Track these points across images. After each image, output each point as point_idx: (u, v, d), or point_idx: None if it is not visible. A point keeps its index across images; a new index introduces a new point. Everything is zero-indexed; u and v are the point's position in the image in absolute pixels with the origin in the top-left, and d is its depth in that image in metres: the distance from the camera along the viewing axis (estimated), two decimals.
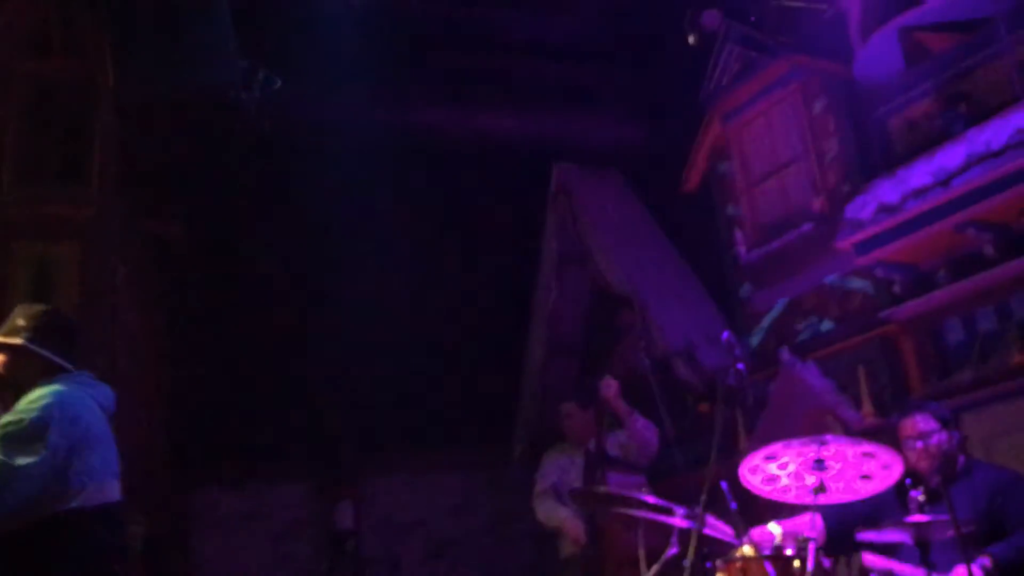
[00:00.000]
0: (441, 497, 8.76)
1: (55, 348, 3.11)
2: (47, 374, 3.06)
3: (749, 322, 6.30)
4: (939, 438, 3.84)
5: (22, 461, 2.78)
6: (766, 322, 6.21)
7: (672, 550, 4.04)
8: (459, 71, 7.19)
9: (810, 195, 5.86)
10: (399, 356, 7.86)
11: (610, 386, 5.11)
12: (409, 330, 7.92)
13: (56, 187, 6.22)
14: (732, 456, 5.72)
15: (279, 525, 8.40)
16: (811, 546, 3.32)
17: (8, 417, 2.90)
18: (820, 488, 3.47)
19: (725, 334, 6.03)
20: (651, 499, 4.19)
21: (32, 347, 3.06)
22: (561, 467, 5.48)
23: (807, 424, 5.64)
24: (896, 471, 3.62)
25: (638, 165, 7.38)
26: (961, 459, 3.86)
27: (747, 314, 6.33)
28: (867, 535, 3.96)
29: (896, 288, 5.31)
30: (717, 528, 3.71)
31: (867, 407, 5.32)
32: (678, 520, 4.02)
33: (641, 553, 4.27)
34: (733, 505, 3.64)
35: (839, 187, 5.74)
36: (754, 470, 3.62)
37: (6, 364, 3.09)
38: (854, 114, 5.75)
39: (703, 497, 3.40)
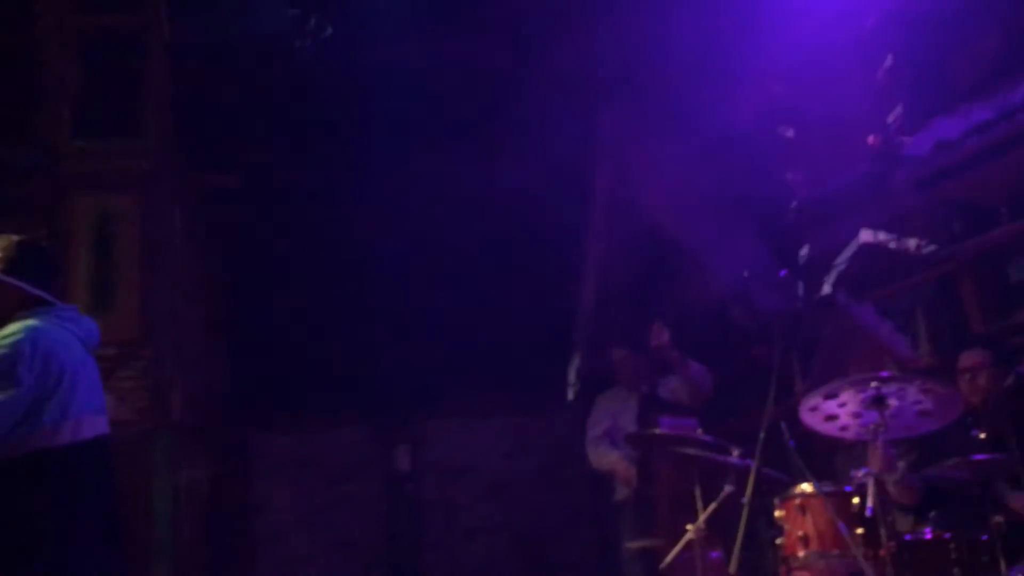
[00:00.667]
0: (496, 441, 8.87)
1: (33, 280, 3.04)
2: (25, 307, 3.00)
3: (804, 263, 6.24)
4: (990, 374, 3.80)
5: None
6: (821, 263, 6.14)
7: (729, 489, 4.10)
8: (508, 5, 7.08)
9: (867, 132, 5.74)
10: (454, 302, 7.91)
11: (661, 333, 5.13)
12: (463, 276, 7.96)
13: (113, 141, 6.33)
14: (788, 398, 5.73)
15: (337, 468, 8.59)
16: (871, 483, 3.34)
17: None
18: (879, 425, 3.47)
19: (782, 273, 6.04)
20: (708, 439, 4.25)
21: (7, 279, 3.00)
22: (614, 412, 5.55)
23: (863, 365, 5.61)
24: (955, 409, 3.61)
25: (691, 105, 7.27)
26: None
27: (802, 255, 6.27)
28: (930, 473, 3.98)
29: (956, 226, 5.22)
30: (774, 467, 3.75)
31: (925, 347, 5.28)
32: (735, 460, 4.06)
33: (696, 494, 4.32)
34: (792, 443, 3.67)
35: (897, 124, 5.62)
36: (813, 409, 3.62)
37: None
38: (913, 49, 5.60)
39: (761, 435, 3.43)
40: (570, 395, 7.73)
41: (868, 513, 3.30)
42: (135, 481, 5.73)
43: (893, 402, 3.53)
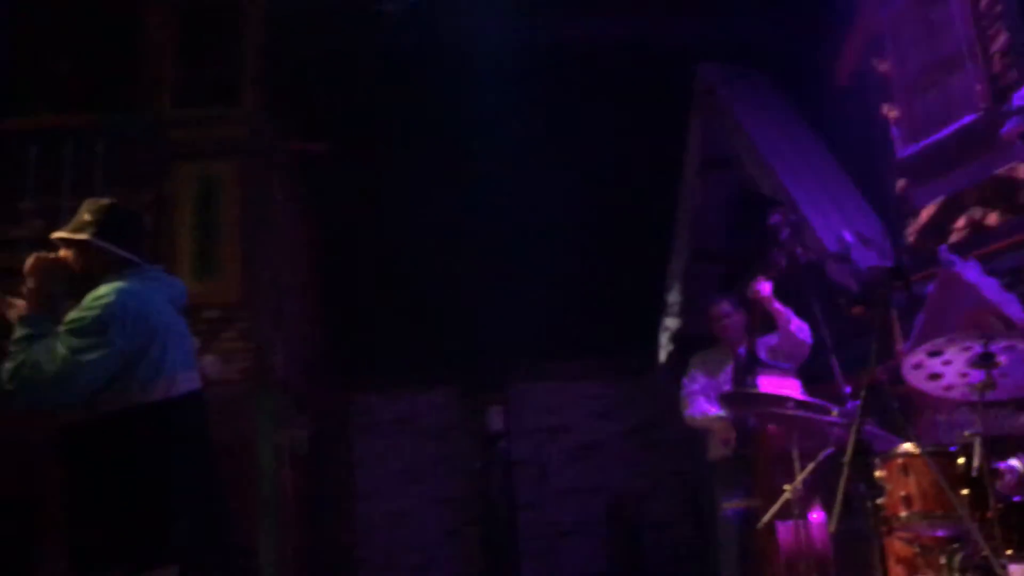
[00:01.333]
0: (587, 402, 8.92)
1: (122, 242, 3.11)
2: (115, 269, 3.08)
3: (906, 220, 6.05)
4: None
5: (86, 357, 2.84)
6: (924, 219, 5.94)
7: (828, 450, 4.04)
8: None
9: (973, 83, 5.49)
10: (546, 264, 7.94)
11: (763, 286, 5.05)
12: (554, 238, 7.98)
13: (213, 109, 6.51)
14: (889, 358, 5.60)
15: (432, 428, 8.77)
16: (977, 443, 3.25)
17: (73, 314, 2.94)
18: (988, 384, 3.37)
19: (883, 232, 5.88)
20: (806, 399, 4.19)
21: (98, 242, 3.07)
22: (708, 372, 5.51)
23: (967, 324, 5.42)
24: None
25: (786, 60, 7.08)
26: None
27: (904, 212, 6.07)
28: None
29: None
30: (875, 427, 3.67)
31: None
32: (834, 419, 4.00)
33: (795, 454, 4.27)
34: (893, 403, 3.59)
35: (1005, 74, 5.36)
36: (917, 366, 3.53)
37: (75, 260, 3.11)
38: None
39: (862, 394, 3.35)
40: (662, 356, 7.67)
41: (974, 474, 3.21)
42: (240, 439, 5.96)
43: (1002, 360, 3.42)
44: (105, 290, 2.98)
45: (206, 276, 5.98)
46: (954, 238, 5.67)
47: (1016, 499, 3.51)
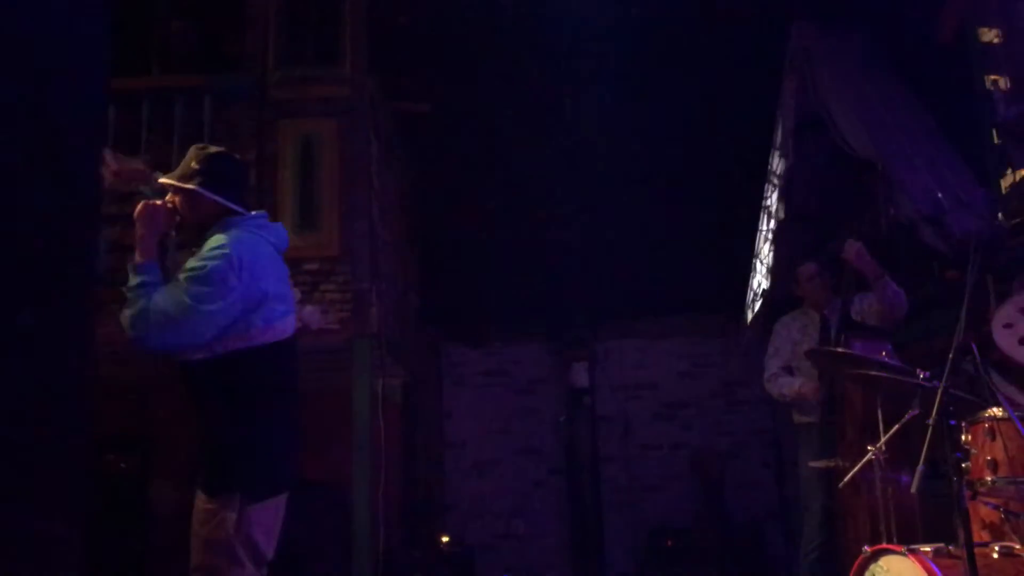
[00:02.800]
0: (673, 361, 9.00)
1: (228, 191, 3.20)
2: (221, 217, 3.17)
3: (1007, 183, 5.91)
4: None
5: (208, 306, 2.94)
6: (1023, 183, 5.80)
7: (913, 412, 4.05)
8: None
9: None
10: (635, 222, 8.00)
11: (855, 246, 5.00)
12: (645, 197, 8.02)
13: (314, 68, 6.71)
14: (983, 325, 5.52)
15: (520, 381, 8.98)
16: None
17: (193, 263, 3.04)
18: None
19: (980, 195, 5.76)
20: (892, 361, 4.19)
21: (205, 192, 3.16)
22: (795, 340, 5.49)
23: None
24: None
25: (885, 18, 6.92)
26: None
27: (1005, 175, 5.94)
28: None
29: None
30: (962, 389, 3.67)
31: None
32: (921, 382, 3.99)
33: (879, 416, 4.29)
34: (983, 367, 3.58)
35: None
36: (1008, 326, 3.52)
37: (182, 207, 3.19)
38: None
39: (951, 356, 3.36)
40: (749, 317, 7.68)
41: None
42: (338, 384, 6.25)
43: None
44: (219, 239, 3.08)
45: (306, 230, 6.23)
46: None
47: None
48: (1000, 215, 5.88)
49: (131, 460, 7.01)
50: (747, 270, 8.09)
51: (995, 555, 3.70)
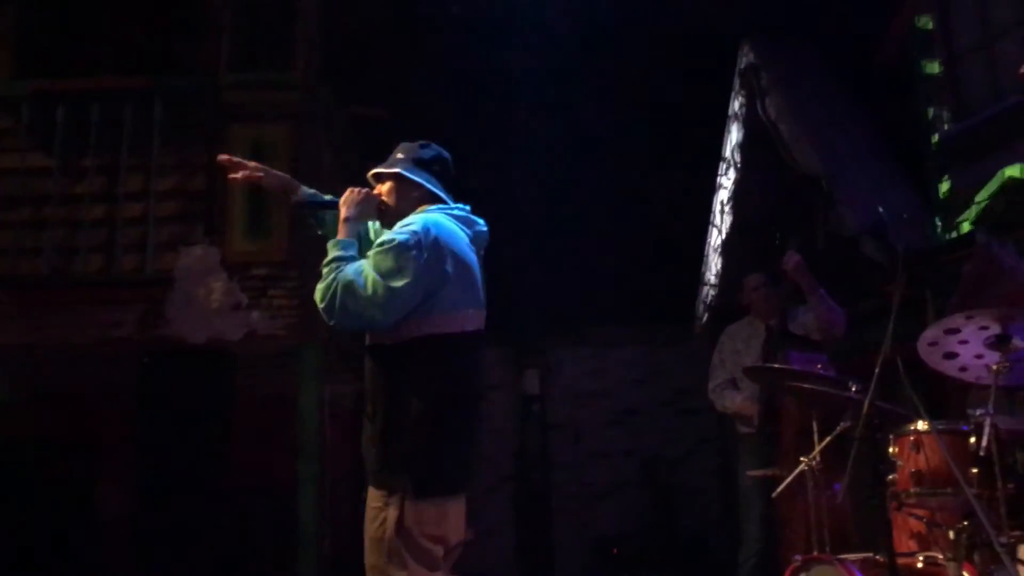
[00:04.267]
0: (624, 369, 9.07)
1: (431, 177, 3.15)
2: (424, 203, 3.11)
3: (946, 201, 6.06)
4: None
5: (393, 282, 2.83)
6: (962, 199, 5.95)
7: (845, 424, 4.13)
8: None
9: (1018, 65, 5.47)
10: (589, 233, 8.05)
11: (792, 258, 5.08)
12: (598, 207, 8.09)
13: (267, 73, 6.68)
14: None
15: None
16: (988, 422, 3.32)
17: (382, 237, 2.95)
18: (1001, 368, 3.42)
19: (920, 211, 5.88)
20: (825, 373, 4.27)
21: (408, 174, 3.11)
22: (738, 351, 5.56)
23: (1002, 306, 5.44)
24: None
25: (831, 37, 7.07)
26: None
27: (944, 193, 6.09)
28: None
29: None
30: (890, 403, 3.75)
31: None
32: (853, 395, 4.08)
33: (815, 427, 4.37)
34: (909, 382, 3.66)
35: None
36: (933, 344, 3.60)
37: (388, 194, 3.14)
38: None
39: (876, 371, 3.44)
40: (698, 326, 7.78)
41: (982, 453, 3.29)
42: (285, 389, 6.23)
43: (1018, 343, 3.47)
44: (413, 218, 3.01)
45: (256, 236, 6.21)
46: (993, 220, 5.68)
47: None
48: (939, 231, 6.03)
49: (75, 464, 6.94)
50: (698, 280, 8.20)
51: (920, 564, 3.79)
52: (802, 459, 4.31)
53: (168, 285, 6.05)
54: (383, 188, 3.17)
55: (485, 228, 3.25)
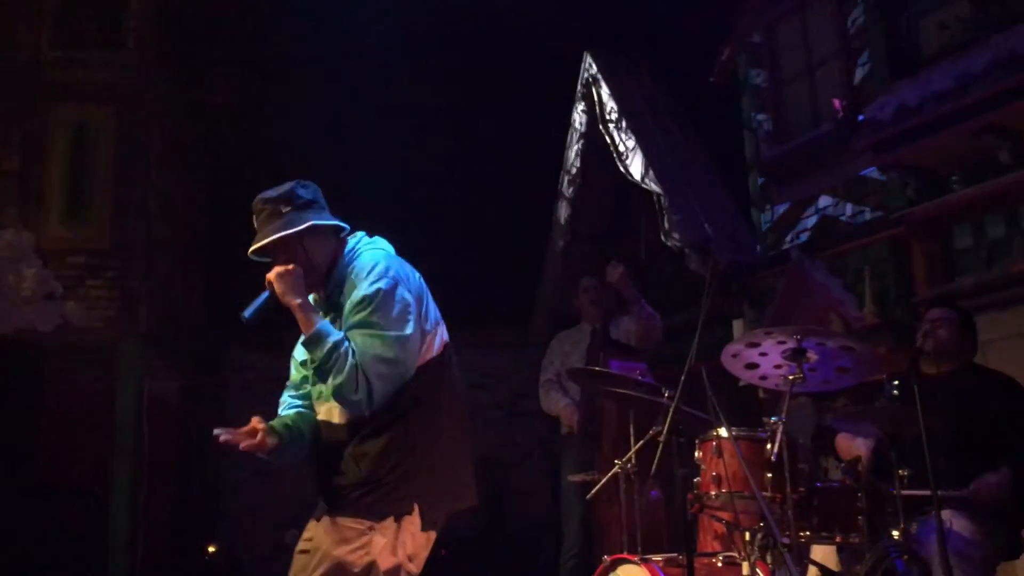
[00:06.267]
0: (462, 373, 9.09)
1: (325, 212, 2.89)
2: (338, 241, 2.88)
3: (766, 220, 6.37)
4: (948, 329, 3.92)
5: (405, 331, 2.69)
6: (781, 218, 6.27)
7: (657, 428, 4.27)
8: None
9: (835, 94, 5.83)
10: (427, 236, 8.03)
11: (616, 269, 5.23)
12: (439, 213, 8.09)
13: (95, 51, 6.39)
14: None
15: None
16: (780, 428, 3.49)
17: (356, 296, 2.71)
18: (797, 377, 3.61)
19: (743, 227, 6.15)
20: (641, 379, 4.41)
21: (320, 222, 2.82)
22: (565, 352, 5.68)
23: (811, 319, 5.78)
24: (872, 368, 3.76)
25: (668, 55, 7.34)
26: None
27: (764, 211, 6.40)
28: (838, 423, 4.17)
29: (910, 191, 5.33)
30: (698, 410, 3.90)
31: (870, 306, 5.42)
32: (665, 401, 4.22)
33: (631, 431, 4.51)
34: (711, 390, 3.82)
35: (864, 87, 5.70)
36: (735, 355, 3.77)
37: (303, 259, 2.81)
38: (888, 14, 5.64)
39: (683, 378, 3.57)
40: (534, 331, 7.90)
41: (773, 459, 3.47)
42: (101, 385, 5.96)
43: (812, 356, 3.68)
44: (365, 261, 2.80)
45: (75, 222, 5.93)
46: (806, 237, 6.01)
47: (819, 484, 3.80)
48: (759, 248, 6.33)
49: None
50: (536, 286, 8.32)
51: (719, 564, 3.96)
52: (616, 463, 4.43)
53: None
54: (286, 255, 2.81)
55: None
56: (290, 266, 2.78)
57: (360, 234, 2.98)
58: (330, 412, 2.87)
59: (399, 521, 2.67)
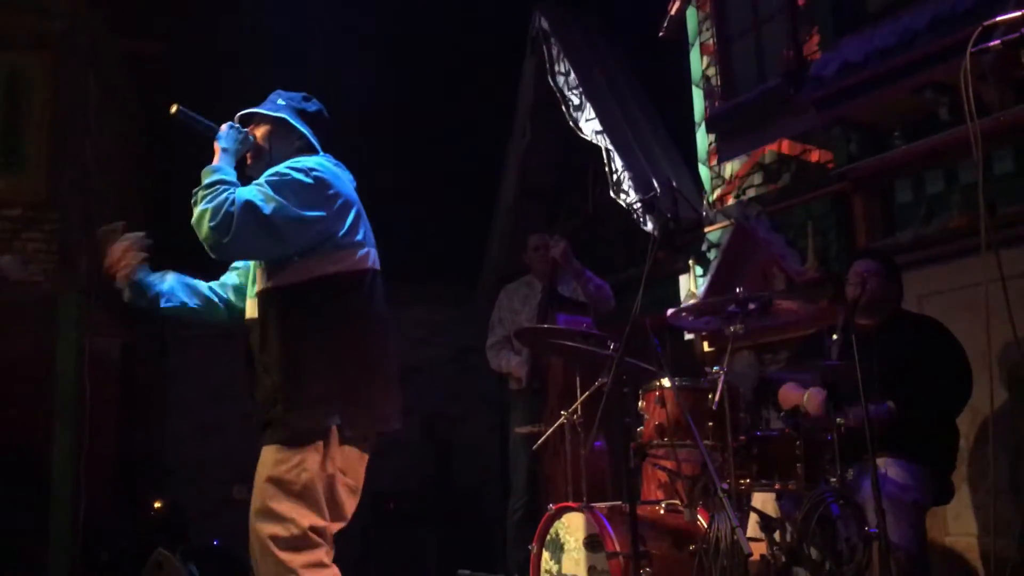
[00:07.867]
0: (410, 328, 9.07)
1: (312, 132, 3.03)
2: (303, 154, 2.96)
3: (711, 175, 6.42)
4: (876, 280, 4.02)
5: (304, 212, 2.71)
6: (727, 174, 6.32)
7: (602, 380, 4.33)
8: None
9: (781, 50, 5.85)
10: (373, 189, 7.95)
11: (558, 245, 5.24)
12: (383, 163, 8.00)
13: None
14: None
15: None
16: (721, 378, 3.56)
17: (276, 170, 2.78)
18: (738, 329, 3.68)
19: (688, 184, 6.19)
20: (586, 332, 4.45)
21: (293, 121, 2.98)
22: (515, 310, 5.70)
23: (755, 274, 5.86)
24: (814, 322, 3.84)
25: (617, 8, 7.31)
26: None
27: (710, 167, 6.44)
28: (780, 374, 4.26)
29: (852, 147, 5.39)
30: (643, 361, 3.96)
31: (812, 261, 5.51)
32: (611, 353, 4.27)
33: (578, 383, 4.56)
34: (656, 342, 3.87)
35: (810, 44, 5.74)
36: (679, 315, 3.84)
37: (264, 136, 3.00)
38: None
39: (627, 330, 3.62)
40: (482, 286, 7.90)
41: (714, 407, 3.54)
42: (39, 341, 5.83)
43: (753, 313, 3.74)
44: (299, 159, 2.85)
45: (9, 173, 5.75)
46: (751, 193, 6.07)
47: (758, 433, 3.88)
48: (705, 204, 6.38)
49: None
50: (485, 241, 8.30)
51: (661, 511, 4.06)
52: (563, 413, 4.48)
53: None
54: (258, 131, 3.02)
55: (352, 179, 3.14)
56: (245, 129, 2.98)
57: (330, 156, 3.06)
58: (252, 309, 2.94)
59: (325, 437, 2.72)
